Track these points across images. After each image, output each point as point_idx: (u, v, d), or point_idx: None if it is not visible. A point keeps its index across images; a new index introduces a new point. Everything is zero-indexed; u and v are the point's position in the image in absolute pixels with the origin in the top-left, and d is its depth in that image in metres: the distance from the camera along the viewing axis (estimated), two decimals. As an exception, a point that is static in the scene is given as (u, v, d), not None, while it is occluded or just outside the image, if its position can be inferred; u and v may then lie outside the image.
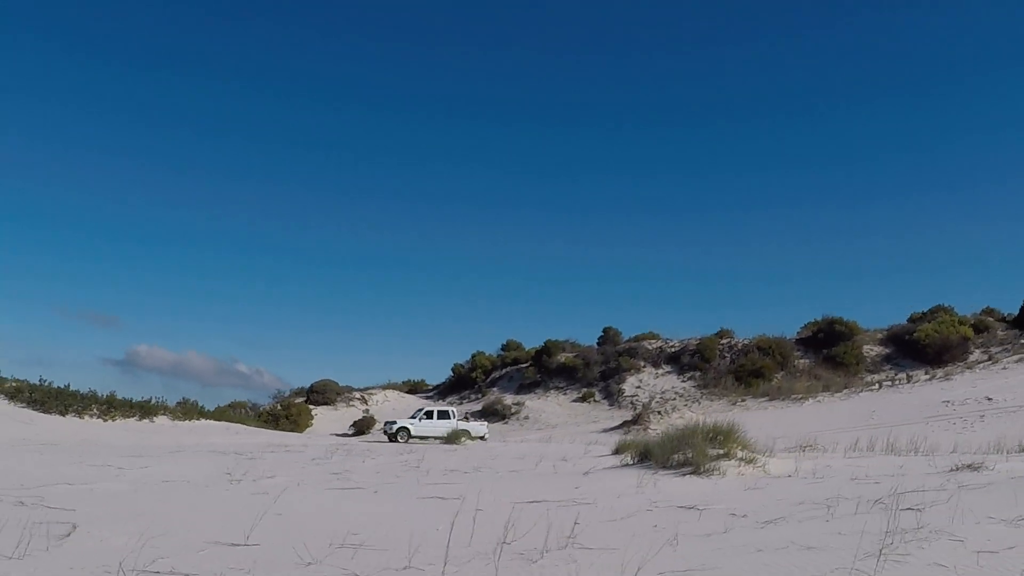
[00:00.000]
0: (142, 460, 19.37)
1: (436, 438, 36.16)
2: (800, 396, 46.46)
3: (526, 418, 55.92)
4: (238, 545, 7.99)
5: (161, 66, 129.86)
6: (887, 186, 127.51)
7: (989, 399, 37.03)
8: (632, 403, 51.55)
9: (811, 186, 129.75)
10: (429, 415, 38.09)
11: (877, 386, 47.14)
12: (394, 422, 38.06)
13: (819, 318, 56.98)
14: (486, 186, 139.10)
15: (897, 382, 47.79)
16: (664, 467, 14.74)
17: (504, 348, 71.48)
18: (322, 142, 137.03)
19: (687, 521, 8.67)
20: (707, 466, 13.69)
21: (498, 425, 57.30)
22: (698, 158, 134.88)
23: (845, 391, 46.43)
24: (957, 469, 11.59)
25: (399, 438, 36.30)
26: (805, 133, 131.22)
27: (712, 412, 46.68)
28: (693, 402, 49.94)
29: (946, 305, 56.85)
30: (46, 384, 35.39)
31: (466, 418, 38.86)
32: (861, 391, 46.21)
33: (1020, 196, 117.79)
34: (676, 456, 14.78)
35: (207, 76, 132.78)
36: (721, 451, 14.39)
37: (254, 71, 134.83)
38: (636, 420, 42.14)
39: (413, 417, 38.39)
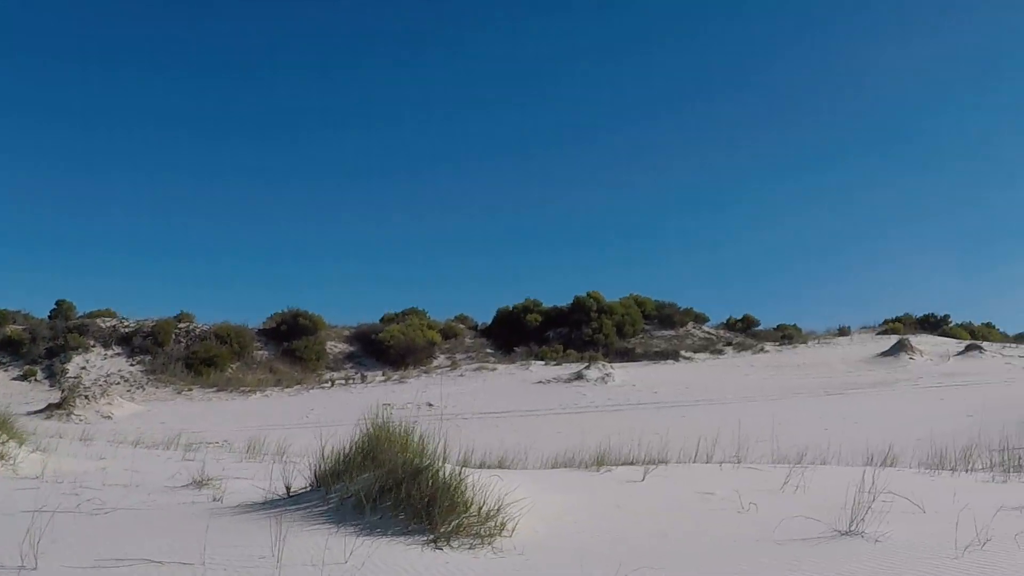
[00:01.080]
0: None
1: None
2: (249, 389, 45.42)
3: (-59, 395, 48.29)
4: None
5: None
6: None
7: (430, 405, 38.95)
8: (75, 385, 46.48)
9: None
10: None
11: (329, 384, 47.98)
12: None
13: (285, 309, 56.22)
14: None
15: (351, 382, 49.08)
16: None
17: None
18: None
19: None
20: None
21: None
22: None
23: (296, 387, 46.45)
24: (190, 484, 9.95)
25: None
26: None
27: (154, 399, 43.76)
28: (138, 388, 46.32)
29: (420, 308, 58.50)
30: None
31: None
32: (312, 388, 46.60)
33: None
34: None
35: None
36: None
37: None
38: (61, 404, 37.48)
39: None
